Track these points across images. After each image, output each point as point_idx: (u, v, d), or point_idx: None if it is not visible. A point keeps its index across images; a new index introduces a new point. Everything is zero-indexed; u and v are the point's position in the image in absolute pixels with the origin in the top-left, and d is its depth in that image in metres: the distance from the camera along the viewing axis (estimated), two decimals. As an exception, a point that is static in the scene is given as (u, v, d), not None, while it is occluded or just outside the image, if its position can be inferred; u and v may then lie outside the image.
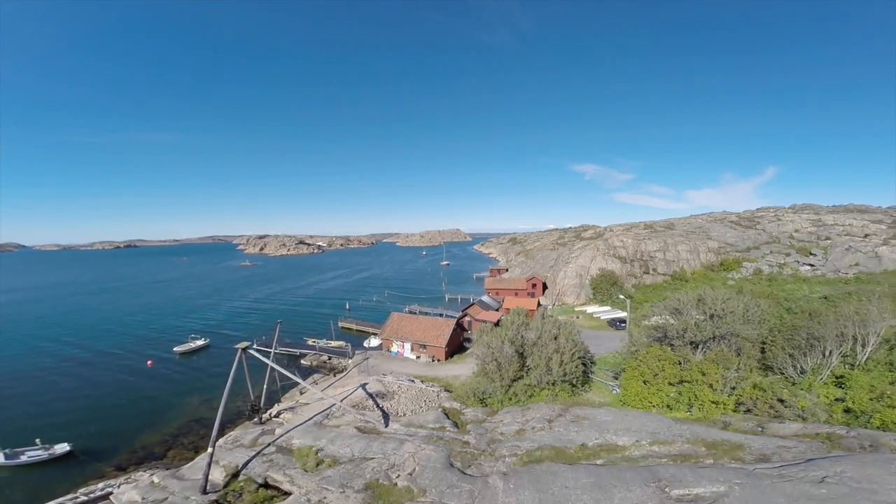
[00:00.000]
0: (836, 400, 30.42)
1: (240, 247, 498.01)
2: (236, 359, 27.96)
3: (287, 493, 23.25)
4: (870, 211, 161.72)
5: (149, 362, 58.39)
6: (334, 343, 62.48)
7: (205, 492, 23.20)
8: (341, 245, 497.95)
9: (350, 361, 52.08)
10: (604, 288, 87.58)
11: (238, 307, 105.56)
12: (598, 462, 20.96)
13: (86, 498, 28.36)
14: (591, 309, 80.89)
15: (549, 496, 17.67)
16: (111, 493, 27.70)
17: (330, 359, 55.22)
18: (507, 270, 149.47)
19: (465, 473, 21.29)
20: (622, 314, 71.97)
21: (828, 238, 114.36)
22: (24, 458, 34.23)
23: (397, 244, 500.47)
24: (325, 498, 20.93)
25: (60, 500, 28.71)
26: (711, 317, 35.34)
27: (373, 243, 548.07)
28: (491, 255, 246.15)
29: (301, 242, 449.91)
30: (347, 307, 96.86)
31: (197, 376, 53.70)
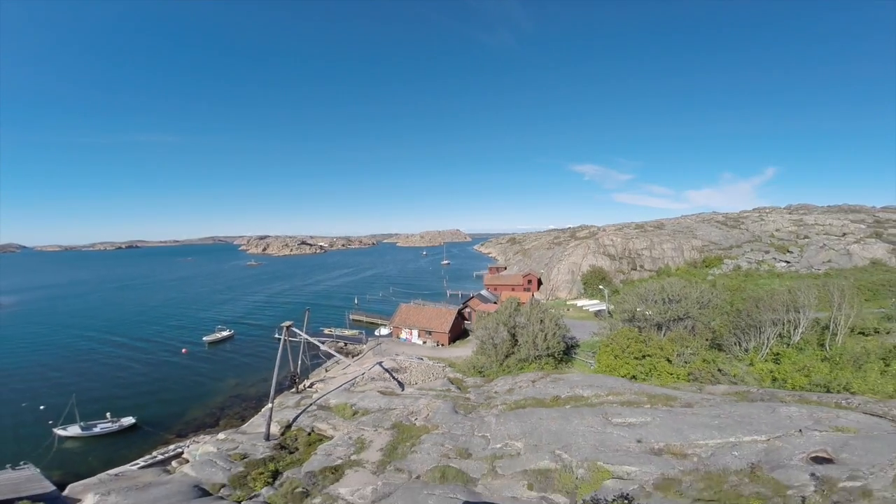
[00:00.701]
0: (770, 372, 37.38)
1: (242, 247, 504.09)
2: (283, 334, 34.86)
3: (330, 437, 30.16)
4: (860, 211, 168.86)
5: (183, 350, 65.26)
6: (348, 332, 69.39)
7: (268, 439, 30.04)
8: (343, 245, 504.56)
9: (365, 346, 58.99)
10: (593, 283, 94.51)
11: (254, 302, 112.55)
12: (567, 407, 27.88)
13: (162, 457, 34.64)
14: (580, 302, 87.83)
15: (527, 424, 24.59)
16: (182, 452, 34.21)
17: (346, 345, 62.12)
18: (505, 268, 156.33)
19: (467, 416, 28.22)
20: (606, 308, 78.90)
21: (806, 237, 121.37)
22: (97, 430, 39.96)
23: (398, 244, 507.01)
24: (362, 435, 27.86)
25: (138, 461, 35.17)
26: (670, 301, 42.28)
27: (373, 244, 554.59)
28: (490, 255, 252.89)
29: (303, 243, 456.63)
30: (356, 301, 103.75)
31: (228, 361, 60.57)
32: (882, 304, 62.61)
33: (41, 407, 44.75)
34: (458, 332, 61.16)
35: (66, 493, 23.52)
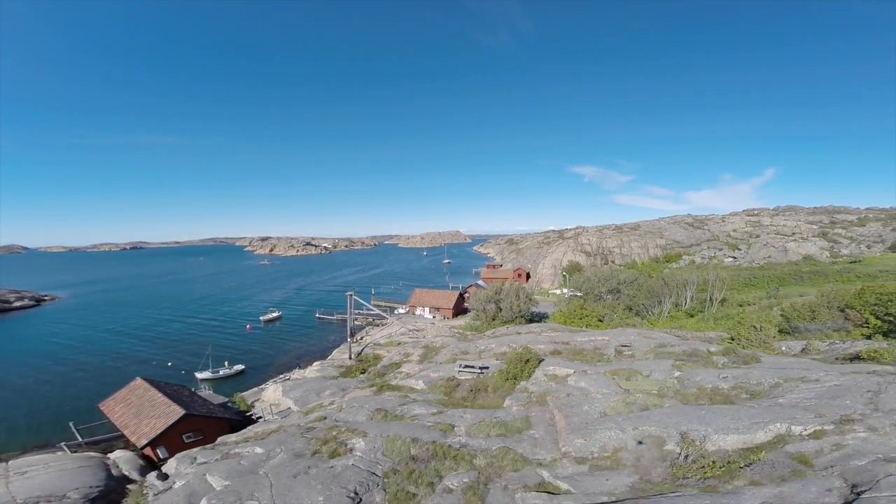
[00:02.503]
0: (669, 327, 56.79)
1: (247, 248, 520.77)
2: (349, 300, 54.28)
3: (387, 356, 49.55)
4: (842, 212, 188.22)
5: (248, 326, 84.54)
6: (375, 311, 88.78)
7: (351, 358, 49.45)
8: (346, 246, 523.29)
9: (389, 319, 78.38)
10: (571, 275, 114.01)
11: (284, 294, 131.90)
12: (521, 334, 47.34)
13: (283, 378, 53.84)
14: (559, 291, 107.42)
15: (499, 340, 44.01)
16: (288, 378, 53.32)
17: (373, 320, 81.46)
18: (501, 265, 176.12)
19: (466, 342, 47.70)
20: (579, 293, 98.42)
21: (758, 236, 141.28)
22: (221, 373, 58.62)
23: (399, 245, 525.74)
24: (406, 351, 47.31)
25: (260, 386, 53.82)
26: (607, 280, 61.82)
27: (375, 245, 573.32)
28: (489, 255, 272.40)
29: (308, 244, 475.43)
30: (373, 292, 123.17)
31: (286, 333, 79.83)
32: (777, 287, 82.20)
33: (168, 363, 63.32)
34: (460, 309, 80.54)
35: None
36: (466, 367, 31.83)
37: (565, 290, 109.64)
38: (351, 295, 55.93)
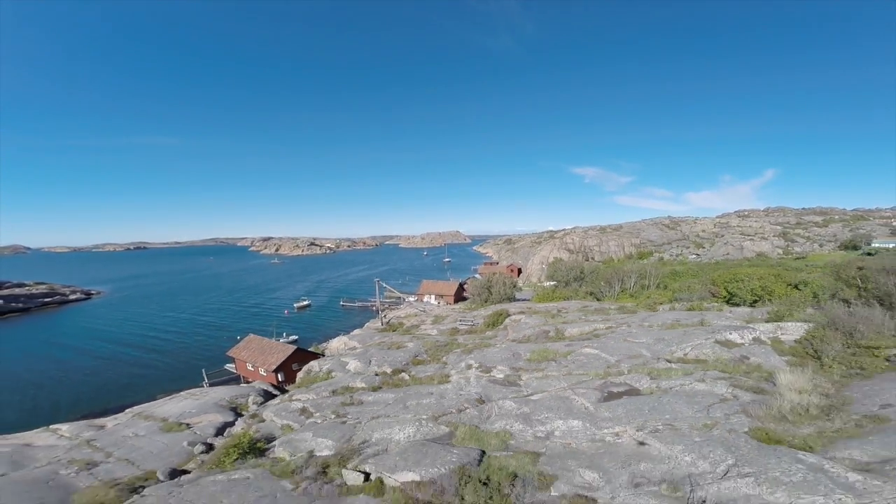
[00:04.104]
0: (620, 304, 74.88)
1: (251, 248, 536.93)
2: (376, 285, 72.26)
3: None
4: (826, 213, 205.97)
5: (286, 311, 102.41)
6: (389, 298, 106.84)
7: (382, 325, 67.49)
8: (348, 247, 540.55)
9: (403, 304, 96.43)
10: (549, 269, 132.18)
11: (305, 287, 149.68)
12: (507, 305, 65.45)
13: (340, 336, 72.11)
14: (545, 283, 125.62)
15: (490, 308, 62.09)
16: (326, 347, 71.56)
17: (388, 305, 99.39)
18: (497, 263, 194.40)
19: (465, 314, 65.82)
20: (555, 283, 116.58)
21: (722, 236, 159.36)
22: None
23: (400, 245, 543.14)
24: (421, 319, 65.43)
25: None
26: (572, 271, 79.89)
27: (377, 245, 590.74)
28: (487, 254, 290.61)
29: (312, 244, 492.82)
30: (385, 285, 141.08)
31: (317, 316, 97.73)
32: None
33: (237, 337, 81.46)
34: (460, 297, 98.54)
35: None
36: (463, 322, 49.86)
37: (552, 283, 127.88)
38: (378, 281, 73.96)
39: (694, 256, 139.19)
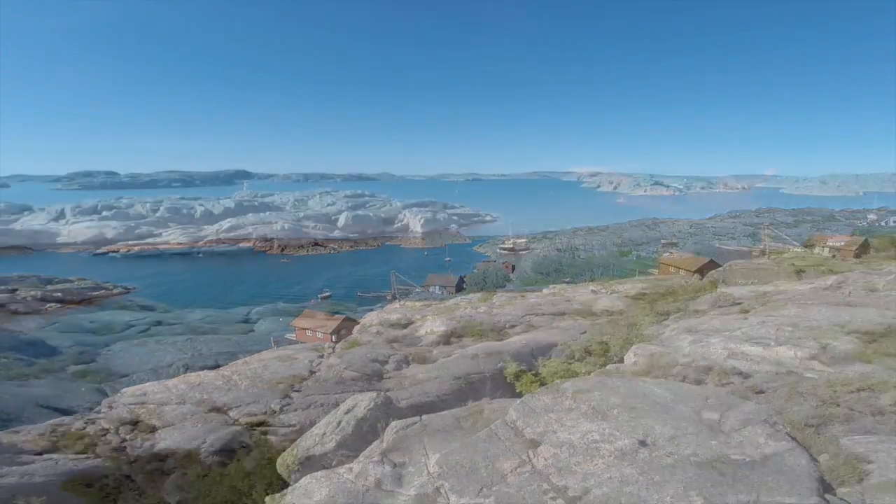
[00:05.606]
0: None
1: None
2: (392, 278, 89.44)
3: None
4: (812, 213, 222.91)
5: (312, 301, 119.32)
6: (408, 283, 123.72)
7: (399, 307, 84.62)
8: (350, 247, 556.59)
9: (411, 295, 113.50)
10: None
11: (322, 281, 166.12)
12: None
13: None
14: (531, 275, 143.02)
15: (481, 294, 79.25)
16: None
17: (398, 296, 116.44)
18: (495, 262, 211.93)
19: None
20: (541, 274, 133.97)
21: (696, 234, 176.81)
22: (318, 298, 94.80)
23: (401, 245, 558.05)
24: (430, 299, 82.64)
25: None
26: (552, 263, 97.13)
27: (378, 245, 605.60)
28: (486, 254, 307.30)
29: (316, 244, 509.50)
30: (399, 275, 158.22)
31: (339, 306, 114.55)
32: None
33: (279, 319, 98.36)
34: (460, 289, 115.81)
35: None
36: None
37: (540, 275, 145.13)
38: (394, 273, 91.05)
39: (667, 254, 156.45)
